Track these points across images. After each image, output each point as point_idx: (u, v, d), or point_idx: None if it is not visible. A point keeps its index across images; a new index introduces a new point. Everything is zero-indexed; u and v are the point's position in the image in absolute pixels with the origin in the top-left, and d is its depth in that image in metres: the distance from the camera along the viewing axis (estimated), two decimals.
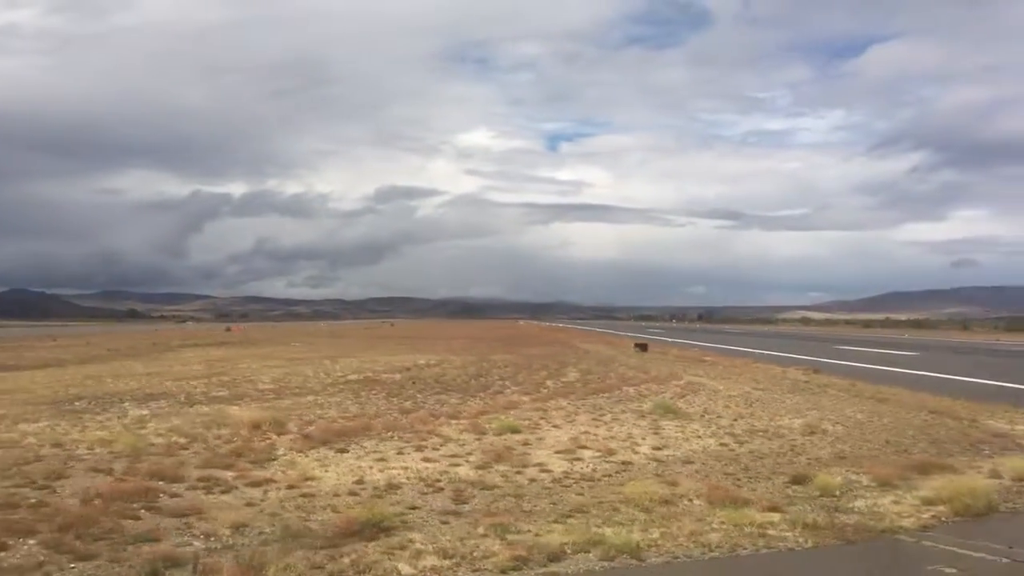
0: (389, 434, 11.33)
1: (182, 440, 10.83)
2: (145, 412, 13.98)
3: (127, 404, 15.10)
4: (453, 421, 12.62)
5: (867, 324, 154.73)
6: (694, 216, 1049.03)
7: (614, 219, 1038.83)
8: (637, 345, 35.63)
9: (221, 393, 17.10)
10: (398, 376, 21.40)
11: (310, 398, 16.26)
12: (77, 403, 15.29)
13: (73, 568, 5.56)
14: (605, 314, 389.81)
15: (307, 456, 9.70)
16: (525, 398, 15.95)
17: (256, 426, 11.87)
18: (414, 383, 19.35)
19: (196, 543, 6.17)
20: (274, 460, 9.49)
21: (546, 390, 17.49)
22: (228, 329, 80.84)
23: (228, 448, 10.19)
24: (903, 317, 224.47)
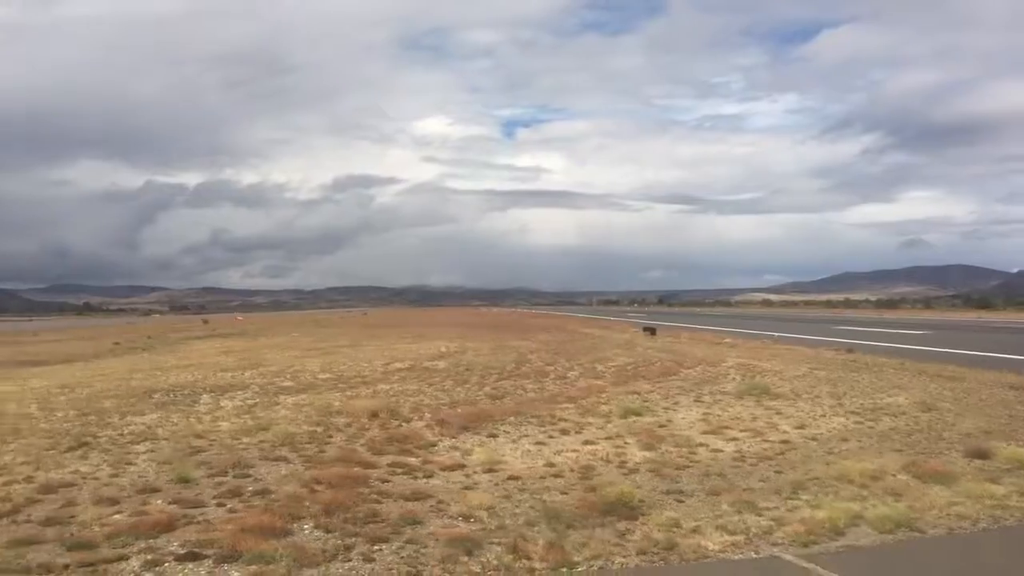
0: (513, 419, 11.54)
1: (318, 429, 10.93)
2: (237, 403, 14.01)
3: (207, 396, 15.07)
4: (559, 406, 12.84)
5: (829, 304, 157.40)
6: (651, 201, 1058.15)
7: (572, 205, 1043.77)
8: (645, 329, 36.11)
9: (289, 384, 17.11)
10: (442, 364, 21.50)
11: (383, 386, 16.34)
12: (155, 396, 15.23)
13: (379, 550, 5.74)
14: (565, 300, 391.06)
15: (464, 442, 9.89)
16: (598, 382, 16.22)
17: (375, 415, 12.02)
18: (467, 370, 19.46)
19: (461, 524, 6.37)
20: (435, 446, 9.67)
21: (609, 375, 17.75)
22: (205, 321, 79.79)
23: (373, 436, 10.34)
24: (859, 297, 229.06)
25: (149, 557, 5.63)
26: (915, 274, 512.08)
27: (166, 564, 5.51)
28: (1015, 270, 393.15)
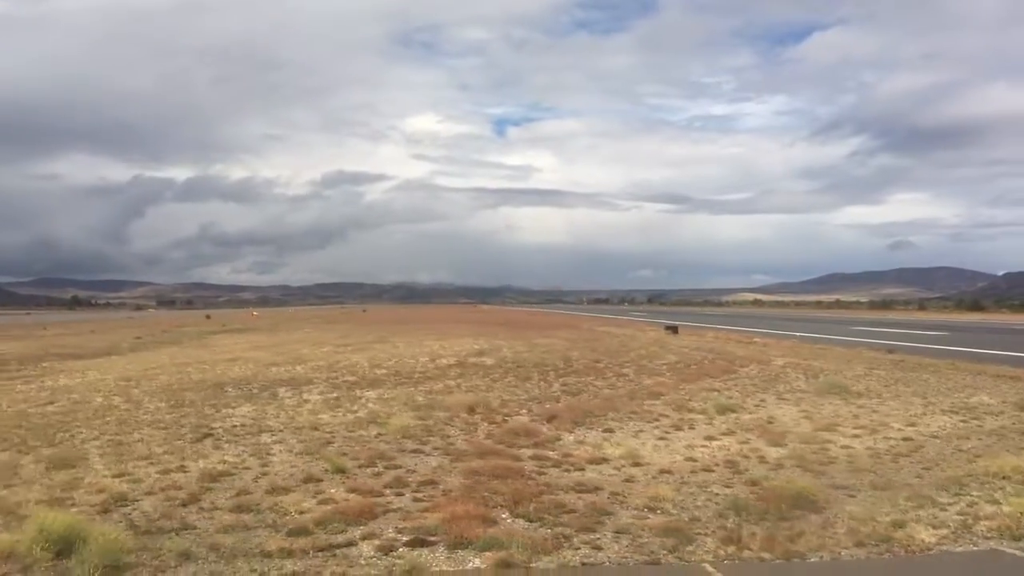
0: (613, 415, 11.70)
1: (427, 423, 11.05)
2: (318, 397, 14.10)
3: (284, 390, 15.13)
4: (646, 403, 12.99)
5: (820, 305, 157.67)
6: (641, 200, 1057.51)
7: (562, 203, 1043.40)
8: (667, 328, 36.34)
9: (351, 379, 17.19)
10: (488, 360, 21.57)
11: (450, 382, 16.43)
12: (227, 389, 15.32)
13: (598, 539, 5.88)
14: (553, 298, 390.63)
15: (585, 437, 10.06)
16: (663, 379, 16.43)
17: (472, 409, 12.16)
18: (519, 367, 19.51)
19: (652, 516, 6.52)
20: (559, 440, 9.82)
21: (668, 373, 17.88)
22: (208, 316, 79.52)
23: (491, 430, 10.50)
24: (846, 298, 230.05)
25: (377, 543, 5.76)
26: (902, 276, 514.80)
27: (400, 549, 5.64)
28: (1001, 272, 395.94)
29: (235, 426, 10.97)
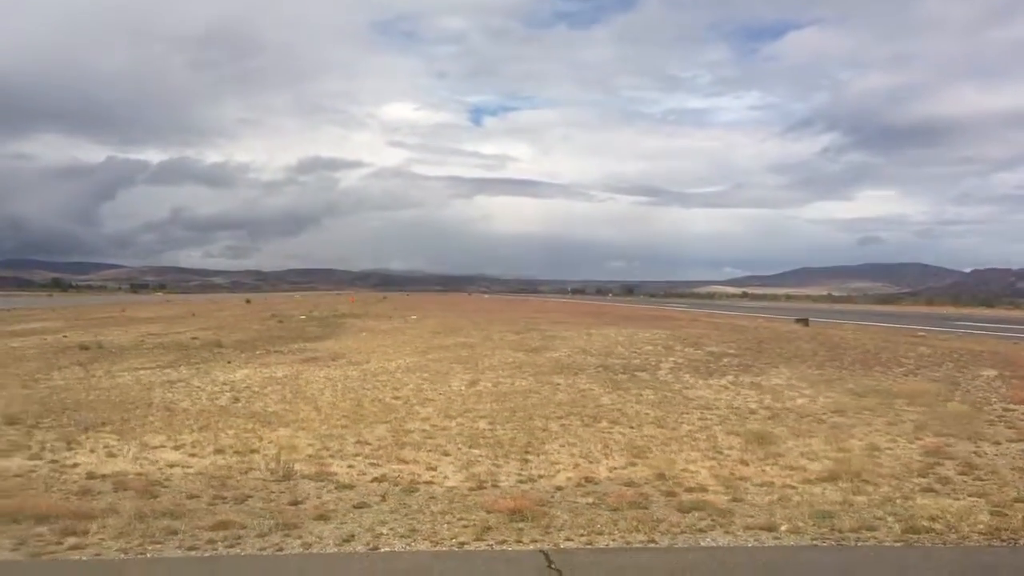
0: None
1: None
2: (716, 383, 14.92)
3: (644, 375, 15.88)
4: None
5: (811, 299, 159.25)
6: (615, 192, 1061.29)
7: (536, 193, 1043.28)
8: (798, 320, 37.38)
9: (674, 363, 18.00)
10: (731, 350, 22.28)
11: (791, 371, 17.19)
12: (618, 374, 16.02)
13: None
14: (529, 288, 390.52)
15: None
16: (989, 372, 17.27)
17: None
18: (795, 357, 20.26)
19: None
20: None
21: (969, 367, 18.68)
22: (248, 301, 79.15)
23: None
24: (822, 292, 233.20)
25: None
26: (870, 271, 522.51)
27: None
28: (968, 269, 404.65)
29: (750, 409, 11.92)
